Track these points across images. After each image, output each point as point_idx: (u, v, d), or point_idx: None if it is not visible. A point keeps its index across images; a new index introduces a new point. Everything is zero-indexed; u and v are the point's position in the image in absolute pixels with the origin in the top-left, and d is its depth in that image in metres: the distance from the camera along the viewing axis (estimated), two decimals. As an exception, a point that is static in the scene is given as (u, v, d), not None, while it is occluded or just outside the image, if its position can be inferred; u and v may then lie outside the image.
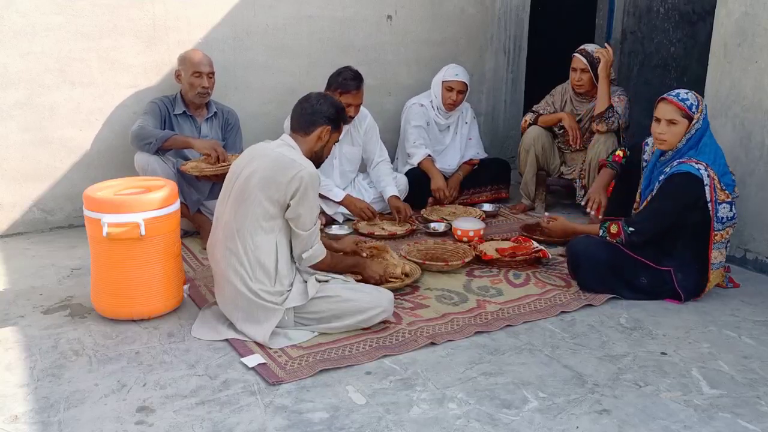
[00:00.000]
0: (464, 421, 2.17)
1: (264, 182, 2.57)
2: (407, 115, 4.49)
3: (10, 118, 3.73)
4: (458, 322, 2.84)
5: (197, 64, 3.71)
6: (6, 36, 3.64)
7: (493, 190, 4.67)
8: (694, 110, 2.99)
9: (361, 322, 2.70)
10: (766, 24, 3.31)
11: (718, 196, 2.94)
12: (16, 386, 2.34)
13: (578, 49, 4.21)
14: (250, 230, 2.59)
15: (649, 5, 6.04)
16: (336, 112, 2.78)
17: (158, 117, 3.73)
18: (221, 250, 2.66)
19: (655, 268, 3.04)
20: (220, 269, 2.68)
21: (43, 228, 3.94)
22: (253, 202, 2.58)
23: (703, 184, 2.92)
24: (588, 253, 3.11)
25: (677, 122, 3.00)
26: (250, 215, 2.59)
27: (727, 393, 2.36)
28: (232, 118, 3.97)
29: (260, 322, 2.62)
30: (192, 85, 3.73)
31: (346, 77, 3.93)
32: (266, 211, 2.58)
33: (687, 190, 2.94)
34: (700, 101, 3.03)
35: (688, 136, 3.00)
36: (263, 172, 2.59)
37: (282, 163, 2.59)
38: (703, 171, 2.92)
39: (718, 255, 3.03)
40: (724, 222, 3.00)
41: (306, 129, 2.75)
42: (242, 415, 2.18)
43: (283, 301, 2.63)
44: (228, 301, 2.68)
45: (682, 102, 2.99)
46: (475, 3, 5.12)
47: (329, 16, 4.53)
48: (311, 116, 2.74)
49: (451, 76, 4.39)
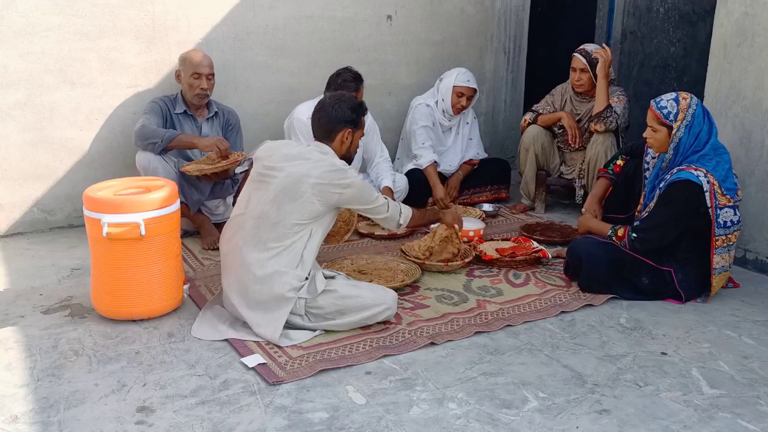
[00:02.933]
0: (464, 421, 2.17)
1: (320, 188, 2.65)
2: (414, 115, 4.48)
3: (10, 118, 3.73)
4: (458, 322, 2.84)
5: (197, 65, 3.70)
6: (6, 36, 3.64)
7: (493, 190, 4.67)
8: (671, 119, 2.97)
9: (366, 319, 2.71)
10: (766, 24, 3.31)
11: (719, 202, 2.92)
12: (16, 386, 2.34)
13: (578, 48, 4.21)
14: (292, 222, 2.66)
15: (649, 5, 6.04)
16: (352, 112, 2.82)
17: (160, 116, 3.72)
18: (247, 240, 2.68)
19: (656, 268, 3.04)
20: (239, 258, 2.68)
21: (43, 228, 3.94)
22: (305, 202, 2.65)
23: (702, 190, 2.90)
24: (589, 252, 3.11)
25: (657, 130, 3.02)
26: (297, 212, 2.65)
27: (727, 393, 2.36)
28: (233, 118, 3.96)
29: (271, 310, 2.63)
30: (191, 86, 3.72)
31: (346, 78, 3.93)
32: (316, 210, 2.67)
33: (687, 198, 2.93)
34: (683, 109, 2.97)
35: (672, 145, 3.00)
36: (318, 179, 2.65)
37: (338, 173, 2.69)
38: (703, 178, 2.90)
39: (720, 260, 3.01)
40: (728, 227, 2.98)
41: (328, 137, 2.82)
42: (242, 415, 2.18)
43: (299, 288, 2.65)
44: (240, 290, 2.68)
45: (659, 110, 3.00)
46: (475, 3, 5.12)
47: (329, 16, 4.53)
48: (328, 124, 2.80)
49: (462, 82, 4.37)
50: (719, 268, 3.03)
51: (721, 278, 3.08)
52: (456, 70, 4.45)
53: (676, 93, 3.05)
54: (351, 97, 2.91)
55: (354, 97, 2.94)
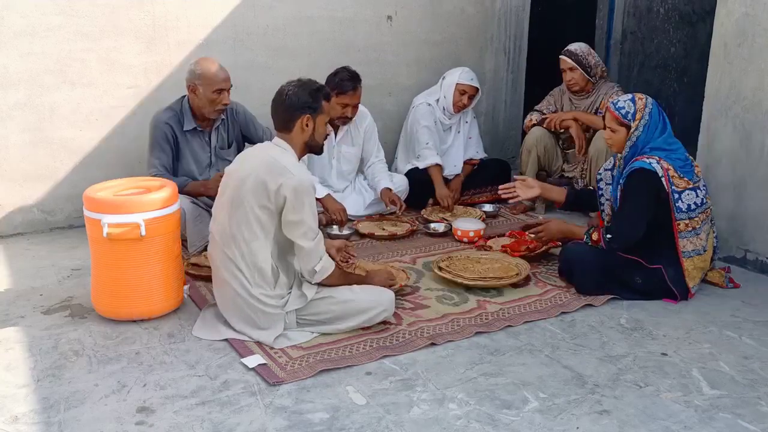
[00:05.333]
0: (464, 421, 2.17)
1: (255, 188, 2.53)
2: (416, 115, 4.47)
3: (10, 119, 3.73)
4: (458, 322, 2.84)
5: (218, 81, 3.49)
6: (6, 36, 3.64)
7: (493, 191, 4.63)
8: (630, 118, 3.03)
9: (364, 322, 2.70)
10: (766, 24, 3.31)
11: (676, 185, 2.96)
12: (16, 387, 2.34)
13: (564, 50, 4.28)
14: (245, 236, 2.56)
15: (649, 6, 6.04)
16: (309, 97, 2.64)
17: (168, 147, 3.55)
18: (220, 256, 2.65)
19: (647, 267, 3.04)
20: (220, 274, 2.67)
21: (43, 228, 3.93)
22: (246, 208, 2.54)
23: (658, 176, 2.94)
24: (580, 258, 3.13)
25: (616, 130, 3.08)
26: (244, 221, 2.56)
27: (728, 393, 2.36)
28: (236, 111, 3.79)
29: (263, 328, 2.62)
30: (212, 102, 3.51)
31: (343, 78, 3.92)
32: (258, 217, 2.54)
33: (647, 183, 2.96)
34: (640, 109, 3.02)
35: (629, 144, 3.05)
36: (255, 177, 2.54)
37: (274, 169, 2.53)
38: (655, 164, 2.95)
39: (687, 243, 3.01)
40: (692, 209, 2.99)
41: (286, 125, 2.66)
42: (242, 416, 2.18)
43: (284, 305, 2.63)
44: (229, 306, 2.67)
45: (617, 111, 3.06)
46: (475, 3, 5.12)
47: (329, 17, 4.53)
48: (285, 112, 2.64)
49: (466, 80, 4.38)
50: (688, 252, 3.02)
51: (697, 263, 3.05)
52: (459, 68, 4.46)
53: (633, 94, 3.13)
54: (310, 81, 2.71)
55: (314, 81, 2.72)
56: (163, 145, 3.54)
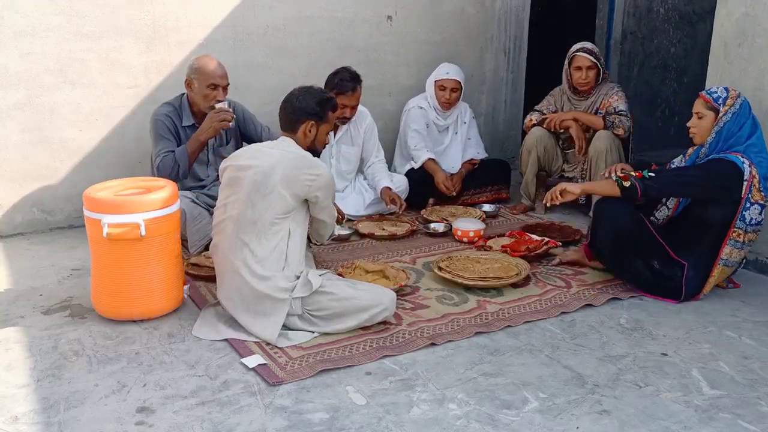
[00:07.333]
0: (464, 421, 2.17)
1: (288, 180, 2.64)
2: (407, 119, 4.50)
3: (10, 119, 3.73)
4: (458, 322, 2.84)
5: (213, 77, 3.54)
6: (6, 36, 3.64)
7: (493, 191, 4.66)
8: (720, 103, 3.00)
9: (365, 321, 2.70)
10: (766, 24, 3.31)
11: (753, 196, 2.93)
12: (16, 387, 2.33)
13: (579, 48, 4.21)
14: (269, 220, 2.65)
15: (650, 6, 6.04)
16: (317, 105, 2.81)
17: (171, 135, 3.57)
18: (230, 243, 2.68)
19: (670, 256, 3.02)
20: (228, 263, 2.69)
21: (43, 228, 3.94)
22: (276, 197, 2.63)
23: (743, 177, 2.91)
24: (613, 212, 3.04)
25: (703, 115, 3.03)
26: (270, 208, 2.64)
27: (728, 393, 2.36)
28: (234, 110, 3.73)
29: (267, 314, 2.63)
30: (206, 97, 3.56)
31: (343, 78, 3.93)
32: (288, 204, 2.66)
33: (726, 175, 2.92)
34: (733, 97, 3.00)
35: (716, 129, 3.00)
36: (286, 170, 2.64)
37: (303, 163, 2.68)
38: (746, 166, 2.92)
39: (730, 251, 2.99)
40: (751, 224, 2.97)
41: (291, 127, 2.81)
42: (242, 416, 2.18)
43: (292, 289, 2.65)
44: (234, 295, 2.69)
45: (708, 95, 3.04)
46: (475, 3, 5.12)
47: (329, 17, 4.53)
48: (293, 115, 2.80)
49: (442, 75, 4.42)
50: (725, 260, 3.01)
51: (722, 273, 3.06)
52: (440, 65, 4.49)
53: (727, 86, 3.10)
54: (320, 90, 2.90)
55: (324, 91, 2.92)
56: (167, 135, 3.58)
